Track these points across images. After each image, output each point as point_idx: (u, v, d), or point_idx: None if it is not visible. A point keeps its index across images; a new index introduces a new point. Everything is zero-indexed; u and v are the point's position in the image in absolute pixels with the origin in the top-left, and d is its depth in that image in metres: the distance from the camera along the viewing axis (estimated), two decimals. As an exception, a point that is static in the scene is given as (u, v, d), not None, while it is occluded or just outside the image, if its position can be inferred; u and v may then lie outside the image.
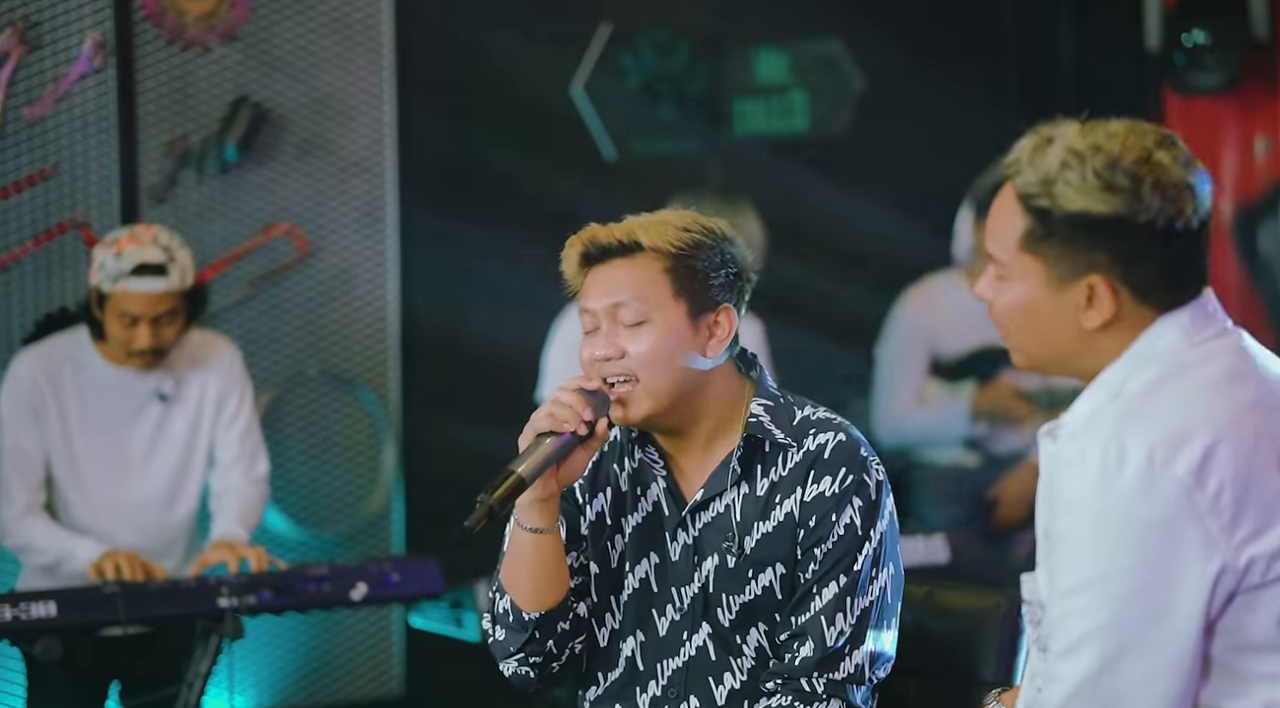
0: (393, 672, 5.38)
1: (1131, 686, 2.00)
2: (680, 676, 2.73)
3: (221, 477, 4.39)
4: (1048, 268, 2.09)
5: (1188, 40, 6.08)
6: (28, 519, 4.22)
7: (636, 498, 2.76)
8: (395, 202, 5.34)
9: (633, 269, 2.66)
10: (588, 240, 2.69)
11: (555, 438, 2.60)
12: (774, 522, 2.68)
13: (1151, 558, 1.98)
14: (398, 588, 4.17)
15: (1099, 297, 2.07)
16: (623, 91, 5.75)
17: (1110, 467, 1.99)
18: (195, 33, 5.05)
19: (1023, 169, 2.09)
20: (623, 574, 2.75)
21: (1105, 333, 2.09)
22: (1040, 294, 2.11)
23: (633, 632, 2.75)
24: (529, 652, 2.72)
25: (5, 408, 4.27)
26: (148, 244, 4.15)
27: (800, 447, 2.69)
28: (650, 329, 2.66)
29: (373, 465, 5.37)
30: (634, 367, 2.65)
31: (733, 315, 2.70)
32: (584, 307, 2.70)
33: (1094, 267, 2.07)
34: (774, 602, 2.69)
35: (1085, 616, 2.01)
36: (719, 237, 2.71)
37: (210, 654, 4.04)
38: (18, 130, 4.83)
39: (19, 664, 4.39)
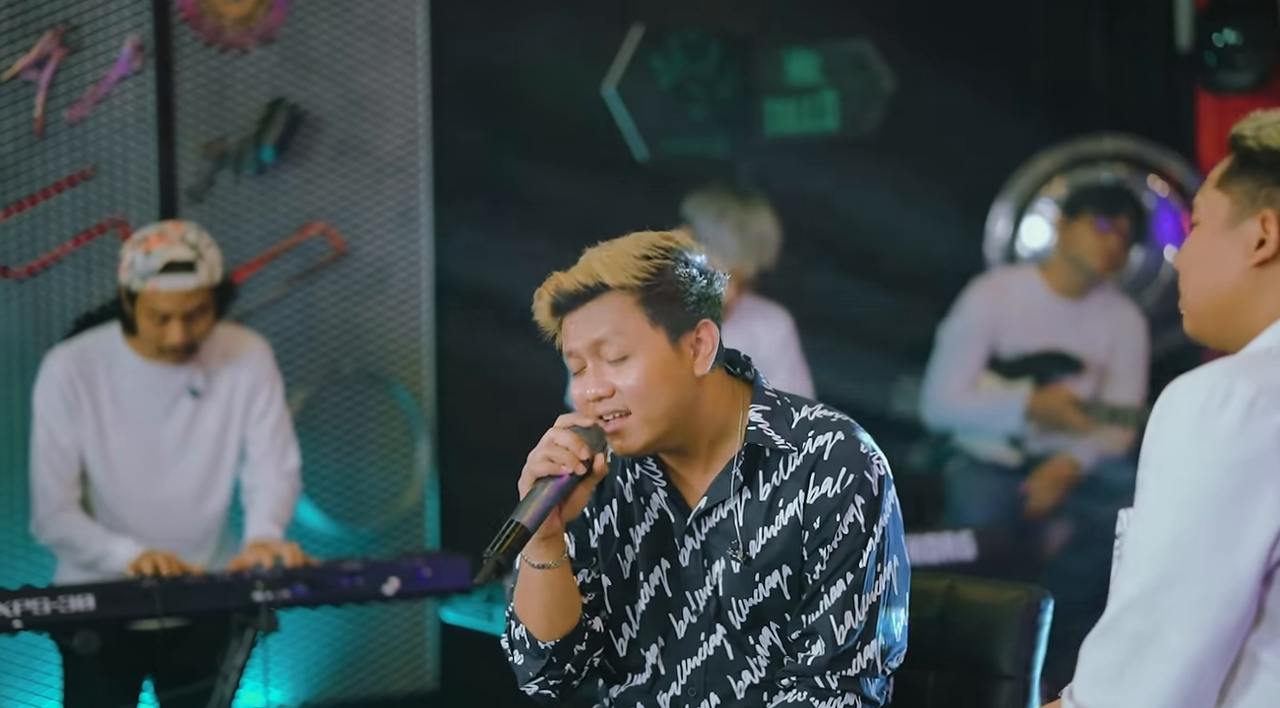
0: (427, 667, 5.42)
1: (1183, 608, 2.05)
2: (699, 674, 2.77)
3: (253, 472, 4.44)
4: (1232, 202, 2.20)
5: (1219, 40, 6.09)
6: (64, 516, 4.28)
7: (642, 508, 2.78)
8: (429, 201, 5.38)
9: (605, 308, 2.65)
10: (554, 290, 2.68)
11: (554, 481, 2.60)
12: (778, 526, 2.71)
13: (1230, 491, 2.03)
14: (429, 583, 4.22)
15: (1270, 231, 2.17)
16: (654, 92, 5.78)
17: (1214, 404, 2.05)
18: (233, 35, 5.11)
19: (1245, 122, 2.22)
20: (636, 584, 2.78)
21: (1265, 278, 2.18)
22: (1218, 231, 2.21)
23: (655, 639, 2.78)
24: (549, 676, 2.76)
25: (40, 404, 4.34)
26: (175, 242, 4.21)
27: (800, 450, 2.70)
28: (635, 362, 2.66)
29: (407, 463, 5.42)
30: (626, 402, 2.65)
31: (713, 330, 2.71)
32: (567, 350, 2.70)
33: (1271, 202, 2.17)
34: (783, 603, 2.72)
35: (1152, 537, 2.07)
36: (679, 254, 2.70)
37: (245, 648, 4.10)
38: (58, 131, 4.89)
39: (55, 658, 4.46)
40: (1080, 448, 5.52)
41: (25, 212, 4.85)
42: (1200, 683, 2.05)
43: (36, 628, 3.96)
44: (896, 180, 5.99)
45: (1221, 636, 2.05)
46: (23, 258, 4.86)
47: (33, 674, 4.76)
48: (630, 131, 5.76)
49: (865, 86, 5.96)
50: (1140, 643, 2.06)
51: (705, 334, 2.70)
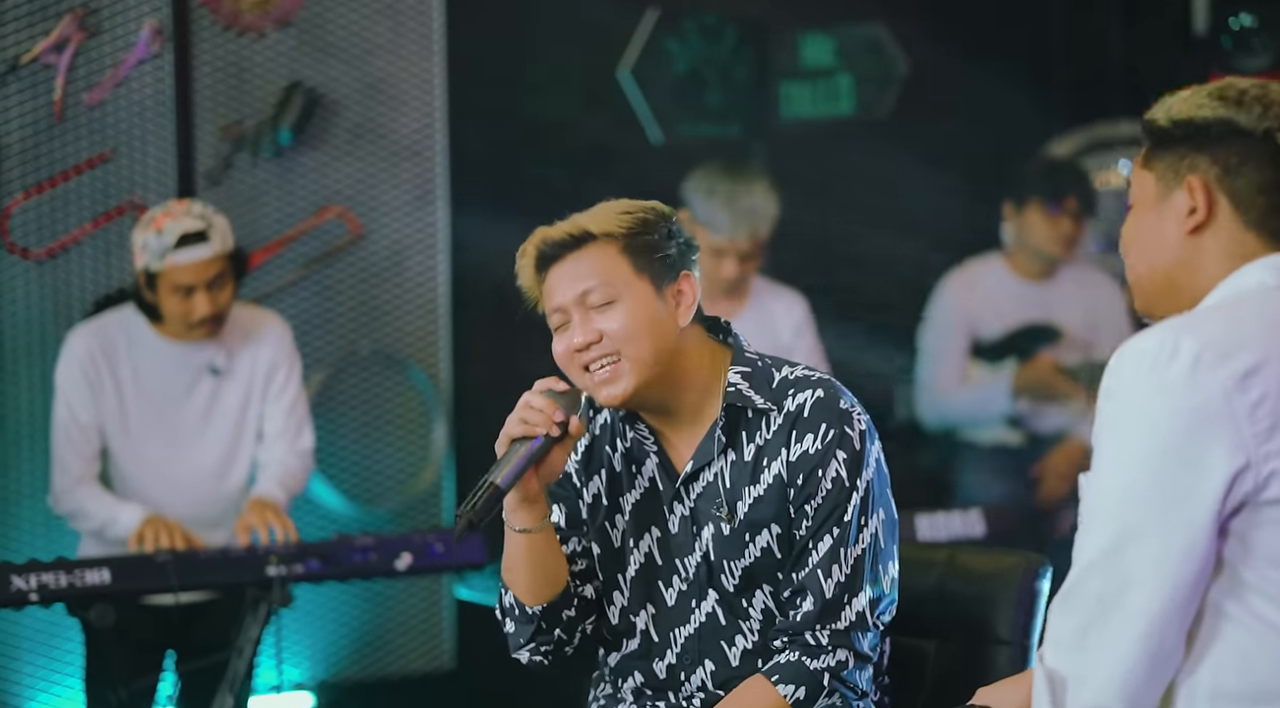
0: (444, 645, 5.46)
1: (1143, 566, 2.07)
2: (693, 642, 2.80)
3: (267, 449, 4.48)
4: (1156, 178, 2.23)
5: (1235, 23, 6.09)
6: (80, 489, 4.33)
7: (632, 476, 2.82)
8: (446, 184, 5.41)
9: (590, 257, 2.73)
10: (539, 241, 2.77)
11: (528, 443, 2.66)
12: (764, 485, 2.74)
13: (1178, 445, 2.06)
14: (442, 558, 4.25)
15: (1197, 197, 2.19)
16: (669, 76, 5.80)
17: (1162, 359, 2.08)
18: (250, 19, 5.14)
19: (1158, 105, 2.25)
20: (626, 552, 2.82)
21: (1203, 243, 2.20)
22: (1150, 207, 2.24)
23: (643, 605, 2.82)
24: (539, 642, 2.81)
25: (61, 381, 4.39)
26: (183, 216, 4.26)
27: (781, 409, 2.74)
28: (621, 306, 2.71)
29: (424, 444, 5.45)
30: (615, 344, 2.70)
31: (694, 282, 2.77)
32: (552, 306, 2.75)
33: (1194, 169, 2.19)
34: (774, 562, 2.75)
35: (1107, 494, 2.10)
36: (660, 214, 2.78)
37: (260, 622, 4.14)
38: (77, 114, 4.93)
39: (77, 632, 4.51)
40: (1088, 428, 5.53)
41: (45, 194, 4.90)
42: (1164, 640, 2.07)
43: (52, 601, 4.01)
44: (911, 164, 6.00)
45: (1181, 590, 2.07)
46: (42, 240, 4.90)
47: (55, 649, 4.81)
48: (645, 115, 5.78)
49: (880, 70, 5.98)
50: (1103, 605, 2.08)
51: (686, 286, 2.77)
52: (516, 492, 2.70)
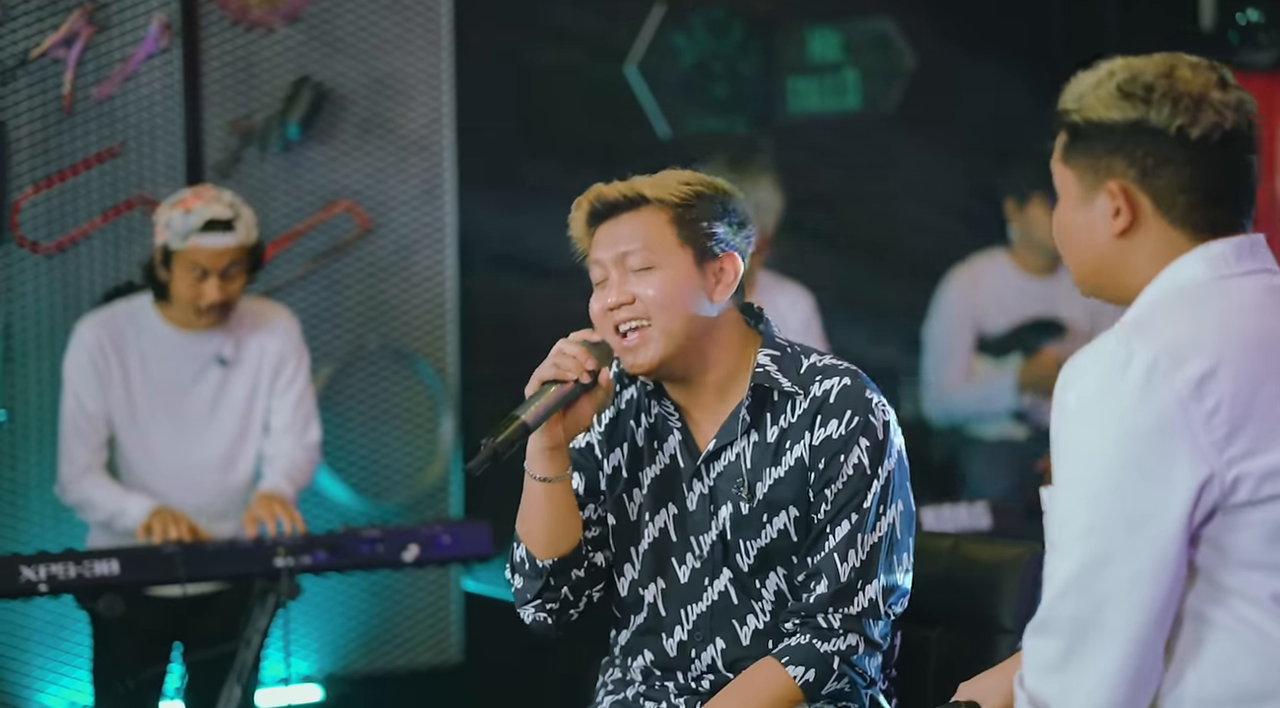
0: (451, 639, 5.47)
1: (1117, 587, 2.04)
2: (705, 620, 2.82)
3: (274, 442, 4.50)
4: (1078, 177, 2.19)
5: (1241, 18, 6.09)
6: (87, 478, 4.35)
7: (654, 452, 2.85)
8: (453, 179, 5.43)
9: (639, 220, 2.77)
10: (594, 198, 2.82)
11: (558, 386, 2.70)
12: (785, 467, 2.77)
13: (1138, 461, 2.03)
14: (449, 550, 4.26)
15: (1119, 202, 2.15)
16: (676, 70, 5.82)
17: (1114, 371, 2.05)
18: (259, 14, 5.16)
19: (1067, 92, 2.19)
20: (641, 525, 2.84)
21: (1132, 243, 2.17)
22: (1074, 205, 2.21)
23: (653, 579, 2.84)
24: (545, 598, 2.83)
25: (69, 370, 4.40)
26: (213, 201, 4.29)
27: (807, 393, 2.77)
28: (659, 274, 2.75)
29: (431, 438, 5.46)
30: (646, 310, 2.74)
31: (737, 262, 2.80)
32: (593, 259, 2.81)
33: (1112, 172, 2.15)
34: (790, 545, 2.77)
35: (1073, 515, 2.06)
36: (720, 190, 2.81)
37: (268, 614, 4.15)
38: (86, 109, 4.95)
39: (86, 627, 4.53)
40: None
41: (54, 188, 4.92)
42: (1146, 656, 2.06)
43: (61, 592, 4.02)
44: (917, 158, 6.01)
45: (1157, 605, 2.05)
46: (52, 233, 4.92)
47: (63, 640, 4.83)
48: (652, 110, 5.80)
49: (887, 65, 5.98)
50: (1080, 628, 2.06)
51: (728, 265, 2.80)
52: (541, 438, 2.73)
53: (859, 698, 2.80)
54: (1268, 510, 2.05)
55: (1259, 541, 2.06)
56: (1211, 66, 2.17)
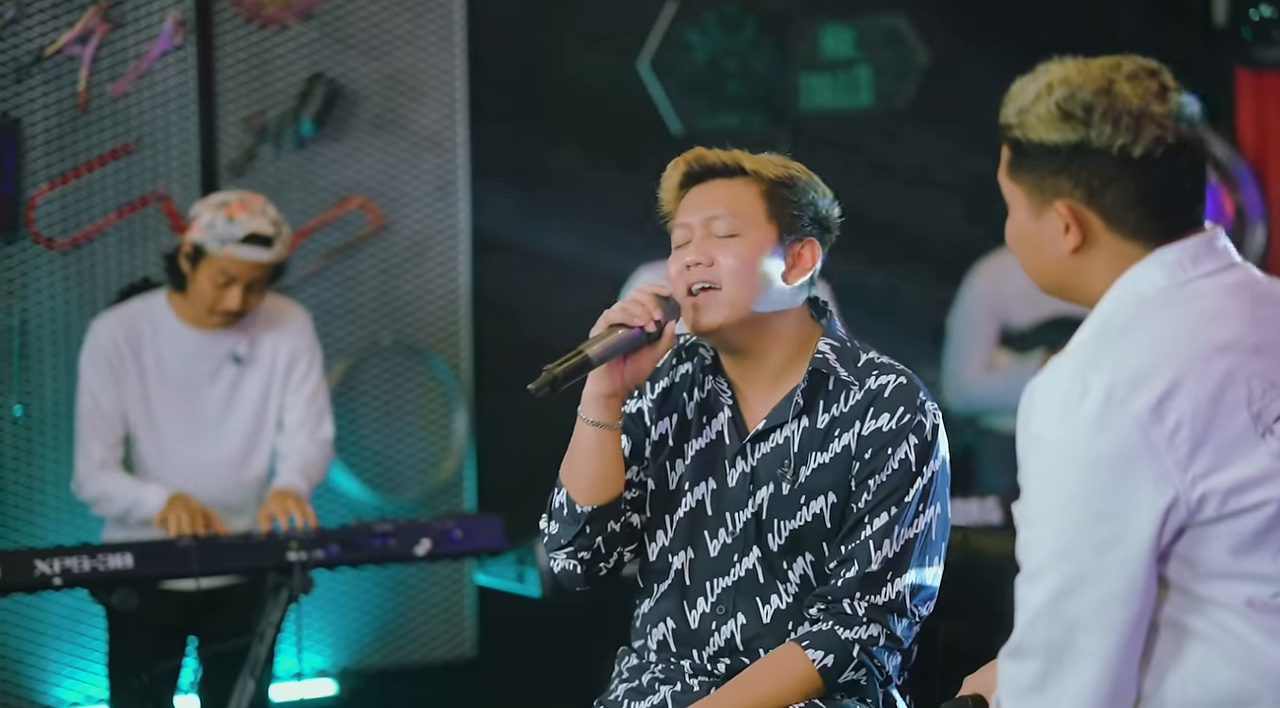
0: (465, 634, 5.49)
1: (1088, 611, 2.06)
2: (729, 594, 2.85)
3: (287, 438, 4.52)
4: (1026, 194, 2.17)
5: (1255, 14, 6.09)
6: (102, 474, 4.37)
7: (702, 426, 2.89)
8: (466, 175, 5.45)
9: (731, 188, 2.83)
10: (693, 159, 2.87)
11: (625, 330, 2.74)
12: (831, 454, 2.81)
13: (1102, 488, 2.03)
14: (461, 544, 4.28)
15: (1068, 222, 2.13)
16: (689, 67, 5.83)
17: (1072, 400, 2.04)
18: (273, 11, 5.18)
19: (1008, 103, 2.17)
20: (680, 495, 2.88)
21: (1086, 258, 2.15)
22: (1025, 219, 2.19)
23: (684, 548, 2.88)
24: (578, 545, 2.85)
25: (85, 368, 4.43)
26: (259, 214, 4.32)
27: (862, 386, 2.81)
28: (741, 243, 2.80)
29: (445, 433, 5.48)
30: (719, 275, 2.79)
31: (817, 249, 2.86)
32: (680, 221, 2.85)
33: (1059, 193, 2.13)
34: (822, 530, 2.80)
35: (1042, 543, 2.09)
36: (814, 184, 2.87)
37: (280, 607, 4.17)
38: (101, 106, 4.97)
39: (102, 621, 4.55)
40: None
41: (69, 185, 4.94)
42: (1120, 675, 2.07)
43: (75, 585, 4.05)
44: (931, 155, 6.01)
45: (1128, 626, 2.06)
46: (66, 230, 4.94)
47: (79, 635, 4.86)
48: (665, 106, 5.81)
49: (900, 61, 5.99)
50: (1054, 651, 2.08)
51: (808, 250, 2.85)
52: (599, 383, 2.77)
53: (874, 693, 2.82)
54: (1234, 524, 2.05)
55: (1225, 552, 2.06)
56: (1151, 72, 2.13)
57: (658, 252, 5.30)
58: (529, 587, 4.58)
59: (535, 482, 5.46)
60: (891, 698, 2.85)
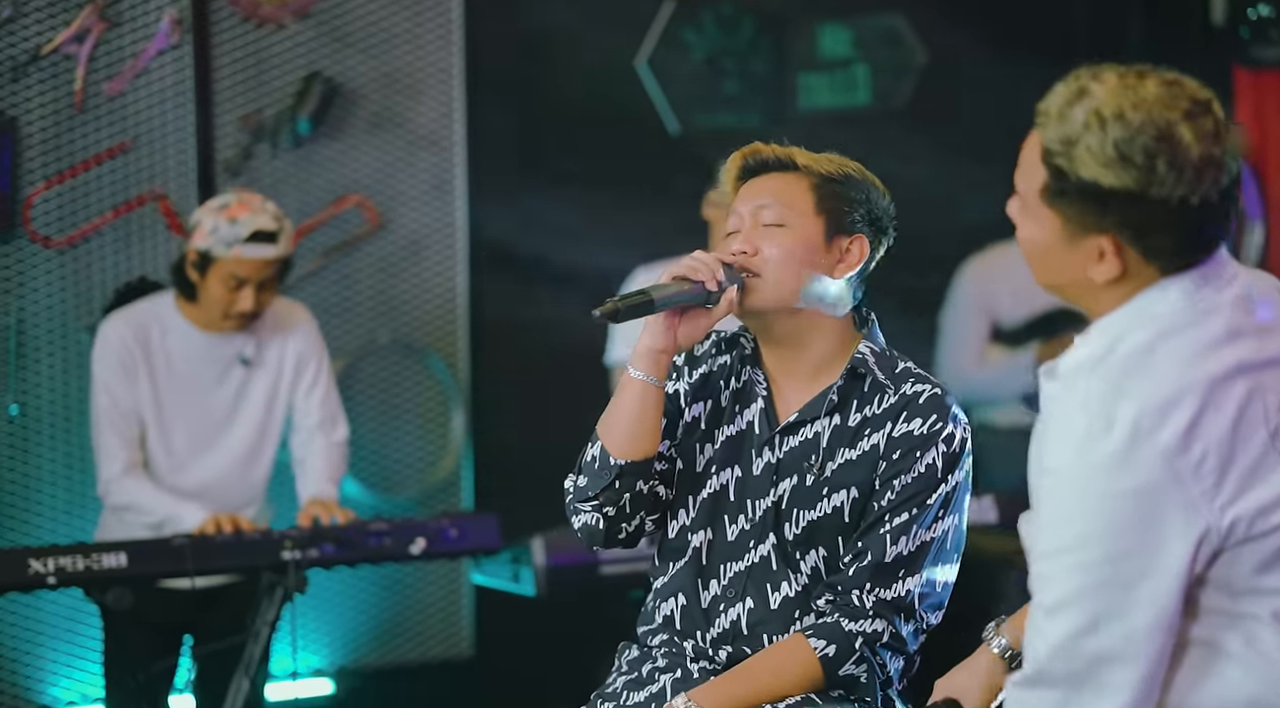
0: (462, 633, 5.49)
1: (1113, 646, 2.03)
2: (740, 579, 2.88)
3: (304, 442, 4.53)
4: (1064, 222, 2.11)
5: (1253, 14, 6.09)
6: (129, 480, 4.37)
7: (734, 413, 2.92)
8: (464, 174, 5.44)
9: (782, 180, 2.88)
10: (749, 153, 2.92)
11: (689, 284, 2.78)
12: (859, 452, 2.84)
13: (1128, 525, 2.00)
14: (456, 543, 4.29)
15: (1108, 256, 2.10)
16: (687, 66, 5.82)
17: (1095, 433, 2.01)
18: (269, 10, 5.18)
19: (1050, 123, 2.10)
20: (705, 477, 2.91)
21: (1112, 288, 2.13)
22: (1055, 242, 2.14)
23: (704, 528, 2.91)
24: (605, 499, 2.86)
25: (100, 369, 4.43)
26: (259, 211, 4.32)
27: (897, 390, 2.84)
28: (786, 233, 2.84)
29: (442, 432, 5.48)
30: (762, 264, 2.82)
31: (865, 246, 2.88)
32: (734, 211, 2.89)
33: (1104, 229, 2.08)
34: (840, 523, 2.83)
35: (1063, 580, 2.05)
36: (869, 182, 2.90)
37: (276, 606, 4.17)
38: (98, 105, 4.97)
39: (96, 615, 4.55)
40: None
41: (66, 184, 4.94)
42: (1146, 703, 2.06)
43: (70, 584, 4.05)
44: (928, 154, 6.00)
45: (1155, 658, 2.04)
46: (63, 229, 4.94)
47: (75, 634, 4.85)
48: (663, 106, 5.80)
49: (897, 60, 5.98)
50: (1075, 682, 2.05)
51: (856, 246, 2.88)
52: (653, 336, 2.81)
53: (874, 693, 2.83)
54: (1259, 544, 2.04)
55: (1250, 570, 2.05)
56: (1205, 107, 2.07)
57: (655, 251, 5.33)
58: (524, 586, 4.58)
59: (532, 481, 5.50)
60: (890, 701, 2.86)
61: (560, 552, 4.54)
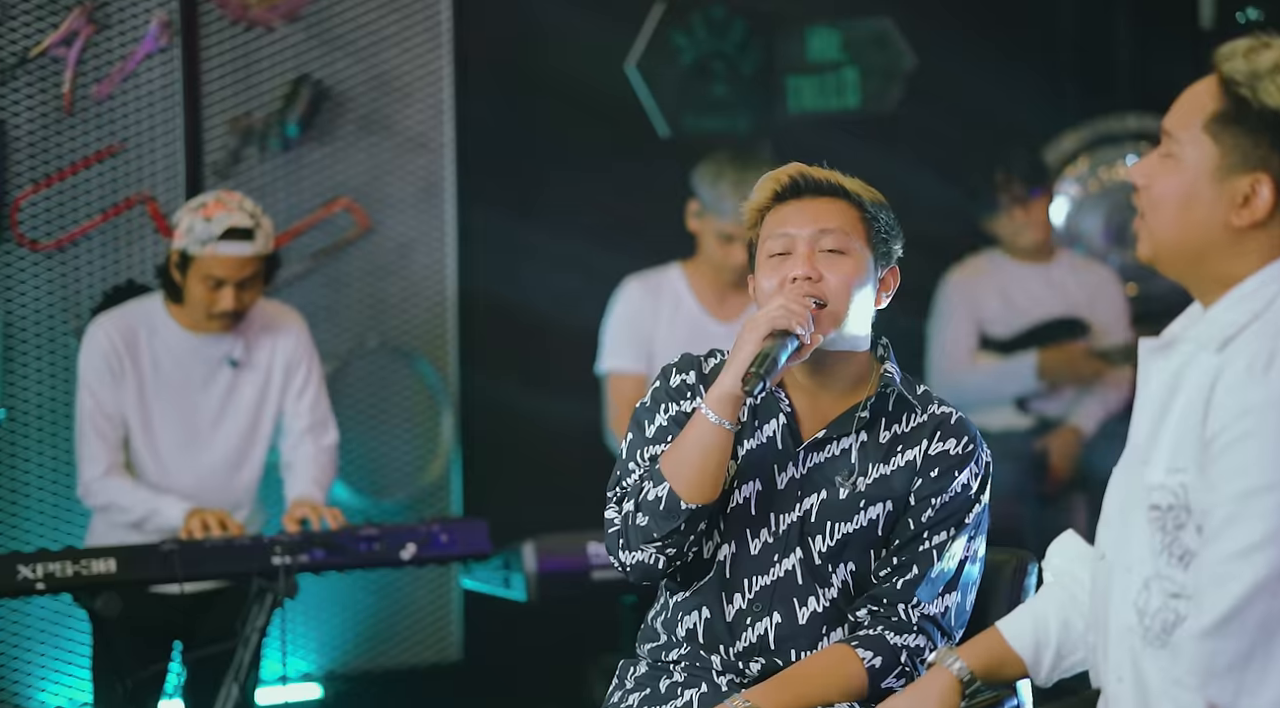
0: (451, 638, 5.48)
1: None
2: (767, 593, 2.88)
3: (293, 446, 4.52)
4: (1222, 153, 2.14)
5: (1241, 18, 6.10)
6: (110, 480, 4.36)
7: (754, 427, 2.91)
8: (453, 177, 5.44)
9: (839, 208, 2.87)
10: (797, 172, 2.89)
11: (787, 336, 2.74)
12: (893, 467, 2.86)
13: None
14: (447, 548, 4.28)
15: (1259, 195, 2.13)
16: (676, 69, 5.82)
17: None
18: (259, 12, 5.17)
19: (1236, 58, 2.15)
20: (729, 492, 2.90)
21: (1250, 236, 2.15)
22: (1204, 178, 2.16)
23: (727, 542, 2.90)
24: (670, 541, 2.83)
25: (85, 371, 4.42)
26: (235, 209, 4.31)
27: (925, 410, 2.88)
28: (849, 261, 2.83)
29: (432, 436, 5.47)
30: (827, 291, 2.81)
31: (898, 276, 2.92)
32: (780, 231, 2.85)
33: (1266, 165, 2.12)
34: (873, 536, 2.85)
35: (1264, 517, 2.06)
36: (889, 209, 2.92)
37: (265, 612, 4.16)
38: (86, 108, 4.96)
39: (84, 621, 4.54)
40: (1081, 416, 5.63)
41: (54, 187, 4.92)
42: None
43: (59, 590, 4.03)
44: (917, 158, 6.01)
45: None
46: (51, 232, 4.93)
47: (63, 639, 4.84)
48: (652, 109, 5.80)
49: (887, 64, 5.98)
50: (1267, 629, 2.05)
51: (891, 278, 2.92)
52: (735, 381, 2.77)
53: None
54: None
55: None
56: None
57: (644, 253, 5.33)
58: (514, 591, 4.57)
59: (521, 486, 5.50)
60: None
61: (551, 557, 4.53)
